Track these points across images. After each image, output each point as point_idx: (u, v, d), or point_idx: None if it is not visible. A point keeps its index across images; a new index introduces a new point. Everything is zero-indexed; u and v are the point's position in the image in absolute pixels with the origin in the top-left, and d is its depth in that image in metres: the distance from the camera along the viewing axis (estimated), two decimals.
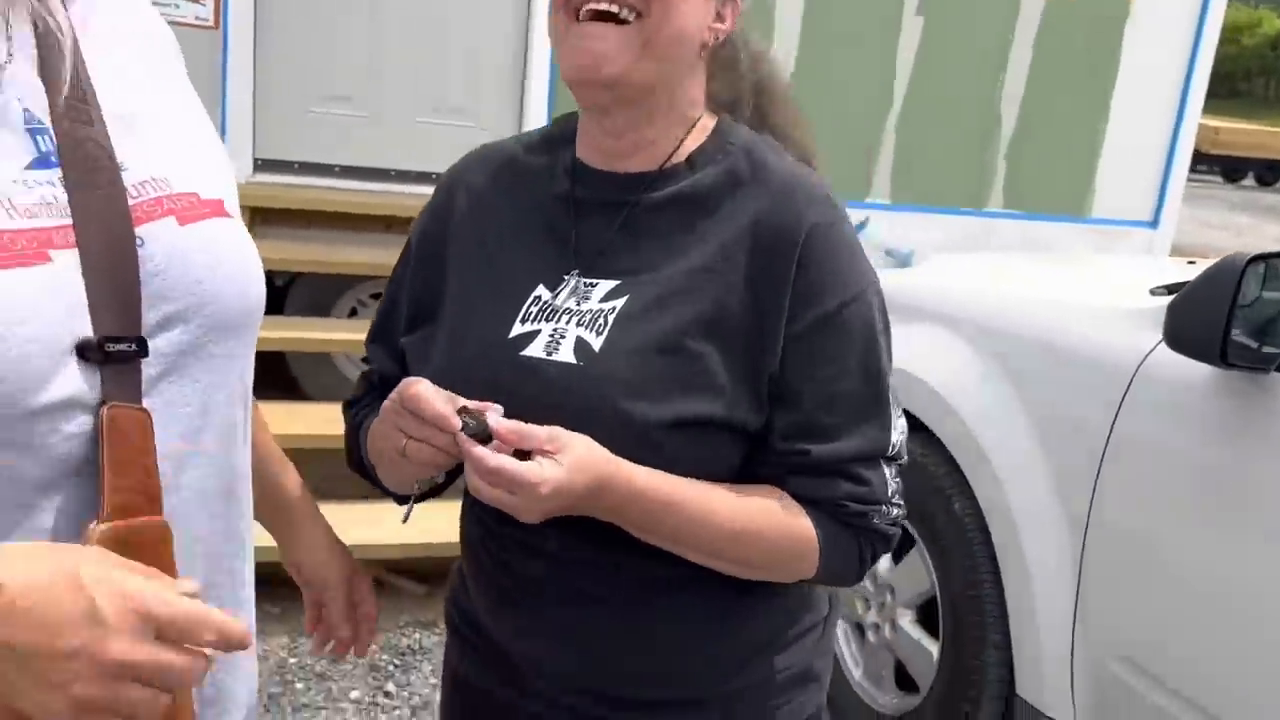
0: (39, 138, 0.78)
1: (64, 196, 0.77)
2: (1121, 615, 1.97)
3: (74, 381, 0.74)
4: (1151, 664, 1.90)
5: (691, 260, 1.08)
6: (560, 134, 1.18)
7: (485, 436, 0.93)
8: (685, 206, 1.10)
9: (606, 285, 1.09)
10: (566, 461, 0.94)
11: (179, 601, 0.66)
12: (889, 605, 2.53)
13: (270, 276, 1.44)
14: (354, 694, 2.73)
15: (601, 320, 1.08)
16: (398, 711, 2.69)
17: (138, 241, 0.78)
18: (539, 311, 1.10)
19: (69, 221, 0.76)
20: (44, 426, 0.73)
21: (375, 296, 4.04)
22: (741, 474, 1.09)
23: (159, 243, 0.79)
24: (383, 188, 4.18)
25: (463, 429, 0.93)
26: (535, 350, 1.08)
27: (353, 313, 4.10)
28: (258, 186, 3.83)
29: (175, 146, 0.87)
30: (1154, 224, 5.09)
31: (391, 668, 2.86)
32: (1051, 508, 2.11)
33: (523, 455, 0.93)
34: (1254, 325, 1.74)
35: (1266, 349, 1.73)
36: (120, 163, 0.80)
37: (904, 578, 2.48)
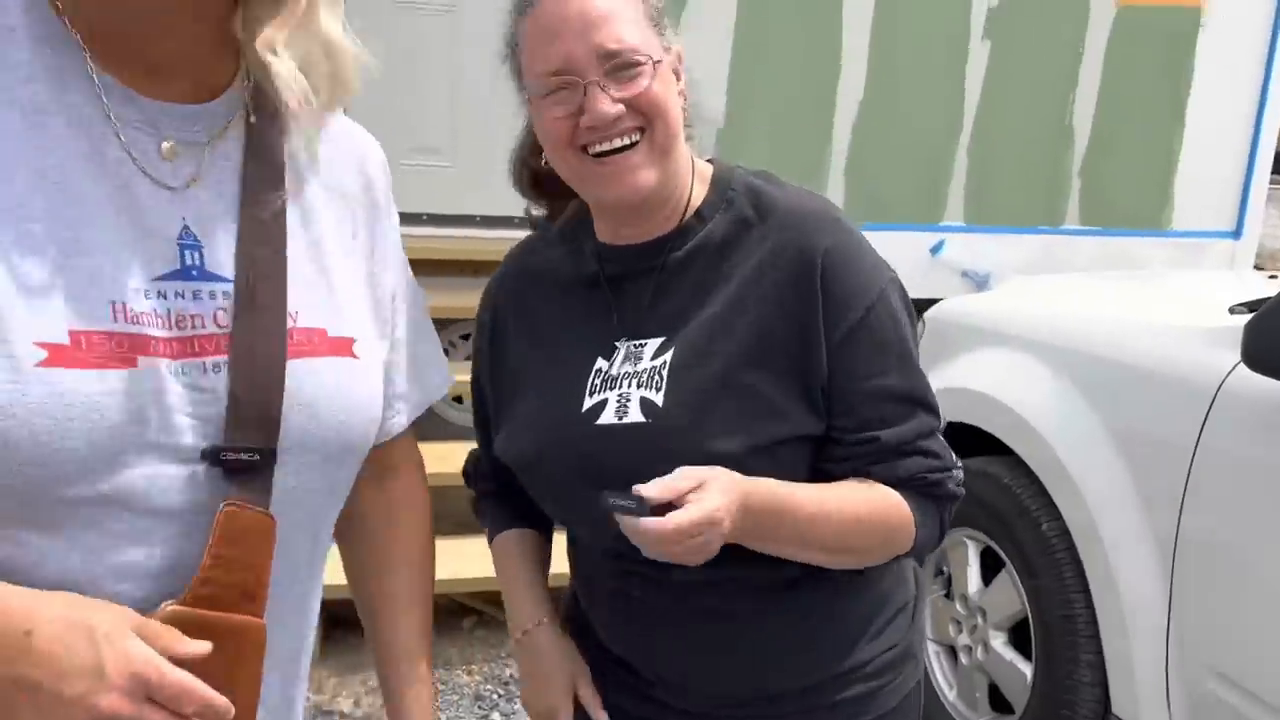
0: (188, 251, 0.82)
1: (196, 309, 0.81)
2: (1216, 631, 1.96)
3: (177, 481, 0.79)
4: (1247, 680, 1.89)
5: (723, 303, 1.16)
6: (575, 227, 1.27)
7: (641, 510, 0.98)
8: (706, 256, 1.19)
9: (654, 343, 1.18)
10: (716, 489, 1.01)
11: (173, 672, 0.71)
12: (981, 627, 2.53)
13: None
14: None
15: (657, 376, 1.15)
16: None
17: (213, 368, 0.81)
18: (602, 382, 1.19)
19: (195, 334, 0.81)
20: (85, 515, 0.76)
21: (465, 337, 4.18)
22: (816, 473, 1.17)
23: (293, 370, 0.84)
24: (466, 233, 4.30)
25: (617, 509, 0.98)
26: (608, 418, 1.16)
27: (444, 353, 4.19)
28: None
29: (336, 291, 0.91)
30: (1236, 234, 4.97)
31: (495, 697, 2.91)
32: (1139, 526, 2.10)
33: (659, 511, 0.98)
34: None
35: None
36: (279, 291, 0.85)
37: (995, 600, 2.49)
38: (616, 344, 1.21)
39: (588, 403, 1.19)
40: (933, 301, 2.98)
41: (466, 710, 2.86)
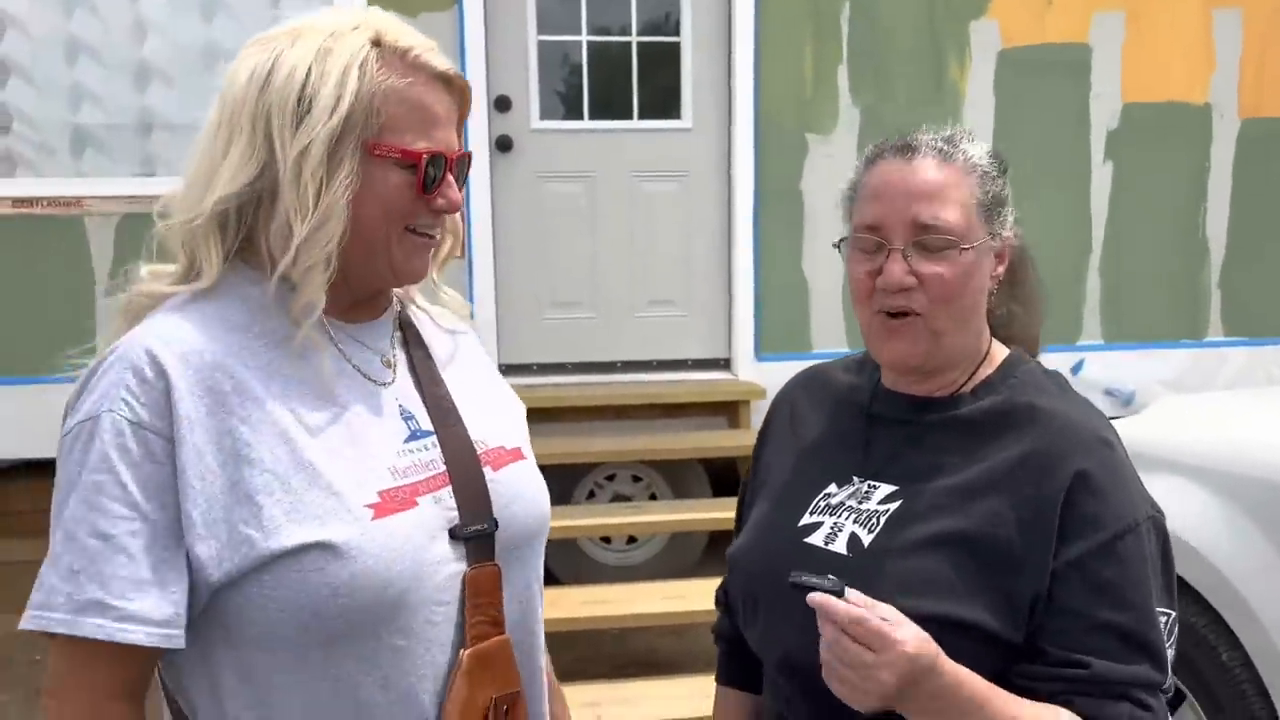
0: (408, 421, 1.09)
1: (427, 457, 1.08)
2: None
3: (449, 562, 1.04)
4: None
5: (963, 480, 1.16)
6: (872, 359, 1.29)
7: (834, 589, 0.99)
8: (965, 430, 1.20)
9: (885, 489, 1.21)
10: (909, 631, 0.98)
11: None
12: None
13: None
14: None
15: (875, 520, 1.19)
16: None
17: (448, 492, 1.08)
18: (825, 505, 1.24)
19: (432, 473, 1.07)
20: (428, 600, 1.02)
21: (610, 478, 4.27)
22: (1003, 684, 1.09)
23: (491, 479, 1.11)
24: (609, 379, 4.44)
25: (806, 586, 0.99)
26: (816, 539, 1.22)
27: (590, 495, 4.28)
28: None
29: (490, 415, 1.18)
30: None
31: None
32: None
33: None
34: None
35: None
36: (465, 428, 1.12)
37: None
38: (855, 477, 1.24)
39: (805, 519, 1.24)
40: None
41: None
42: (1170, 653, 1.11)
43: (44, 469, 4.54)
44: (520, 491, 1.13)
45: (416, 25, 3.90)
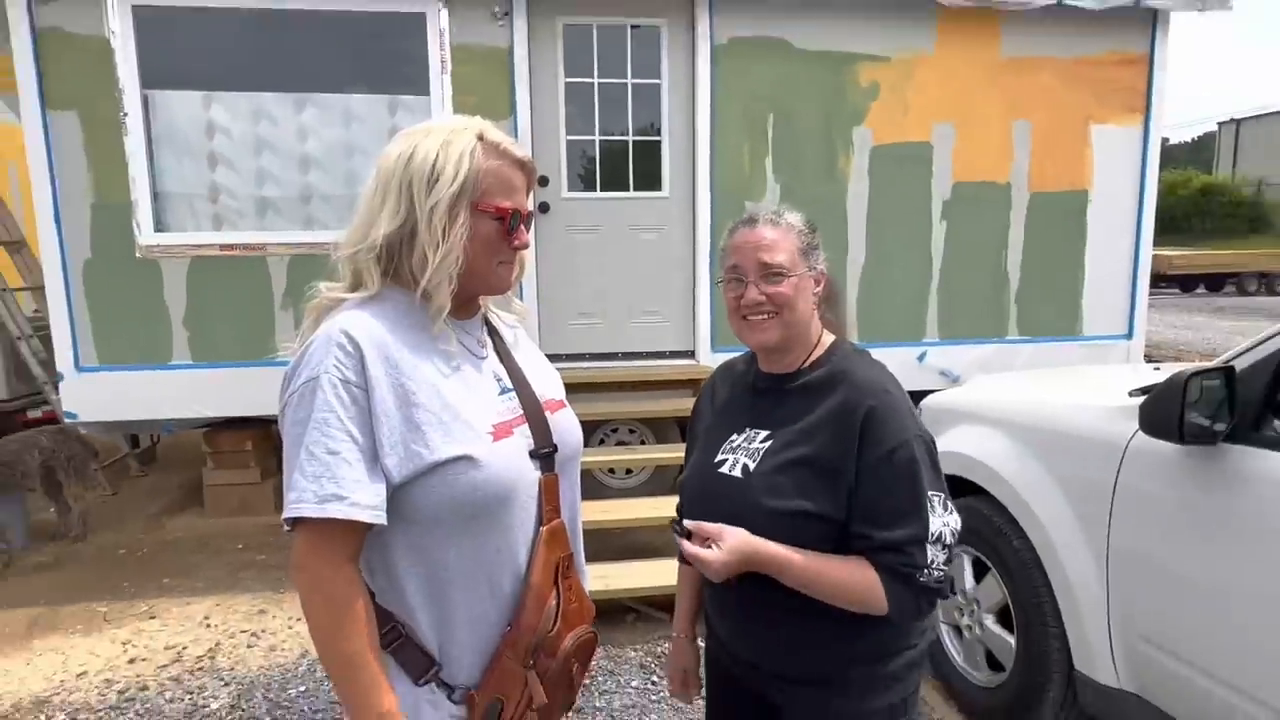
0: (499, 381, 1.13)
1: (512, 405, 1.11)
2: (1139, 609, 1.94)
3: (532, 471, 1.09)
4: (1161, 638, 1.88)
5: (806, 423, 1.20)
6: (753, 355, 1.36)
7: (686, 534, 1.15)
8: (806, 392, 1.24)
9: (763, 434, 1.25)
10: (725, 547, 1.11)
11: None
12: (977, 612, 2.52)
13: None
14: (634, 683, 2.81)
15: (756, 454, 1.23)
16: (661, 692, 2.74)
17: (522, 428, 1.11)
18: (729, 447, 1.28)
19: (516, 415, 1.10)
20: (523, 493, 1.07)
21: (614, 431, 4.28)
22: (841, 550, 1.16)
23: (550, 419, 1.15)
24: (614, 364, 4.49)
25: (676, 532, 1.17)
26: (724, 469, 1.25)
27: (601, 441, 4.29)
28: None
29: (544, 378, 1.21)
30: (1129, 336, 4.86)
31: (653, 665, 2.92)
32: (1080, 541, 2.10)
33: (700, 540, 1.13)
34: (1199, 415, 1.75)
35: (1213, 427, 1.74)
36: (532, 387, 1.16)
37: (985, 593, 2.48)
38: (747, 429, 1.27)
39: (718, 457, 1.28)
40: (925, 393, 3.02)
41: (634, 674, 2.88)
42: (951, 519, 1.14)
43: (240, 424, 4.58)
44: (566, 427, 1.17)
45: None
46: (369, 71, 4.16)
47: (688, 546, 1.13)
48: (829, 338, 1.30)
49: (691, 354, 4.61)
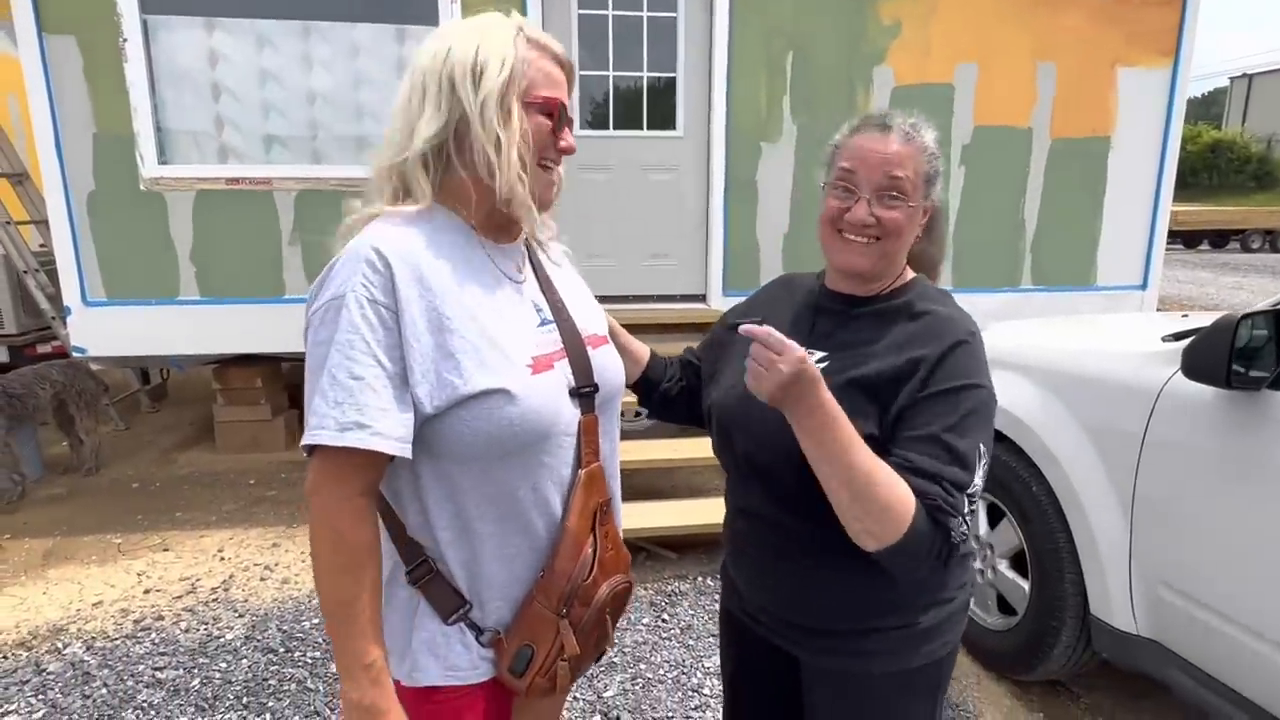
0: (539, 312, 1.04)
1: (552, 337, 1.03)
2: (1161, 555, 1.91)
3: (570, 409, 1.01)
4: (1184, 585, 1.85)
5: (867, 348, 1.10)
6: (821, 274, 1.25)
7: (758, 322, 0.99)
8: (878, 318, 1.13)
9: (819, 354, 1.13)
10: (804, 356, 0.95)
11: None
12: (990, 556, 2.49)
13: None
14: (644, 620, 2.81)
15: None
16: (672, 630, 2.74)
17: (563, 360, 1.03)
18: None
19: (556, 349, 1.02)
20: (561, 433, 0.99)
21: None
22: None
23: (591, 355, 1.07)
24: (626, 307, 4.38)
25: (744, 328, 0.98)
26: None
27: None
28: None
29: (587, 311, 1.13)
30: (1143, 287, 4.76)
31: (663, 603, 2.92)
32: (1105, 487, 2.05)
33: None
34: (1246, 359, 1.69)
35: (1254, 374, 1.68)
36: (574, 320, 1.07)
37: (1000, 537, 2.44)
38: (801, 347, 1.16)
39: None
40: None
41: (646, 611, 2.88)
42: (980, 476, 1.02)
43: (248, 360, 4.51)
44: (608, 364, 1.10)
45: None
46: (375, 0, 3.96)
47: (764, 330, 0.95)
48: (910, 273, 1.18)
49: (703, 298, 4.51)
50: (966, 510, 1.00)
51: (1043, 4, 4.38)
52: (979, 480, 1.01)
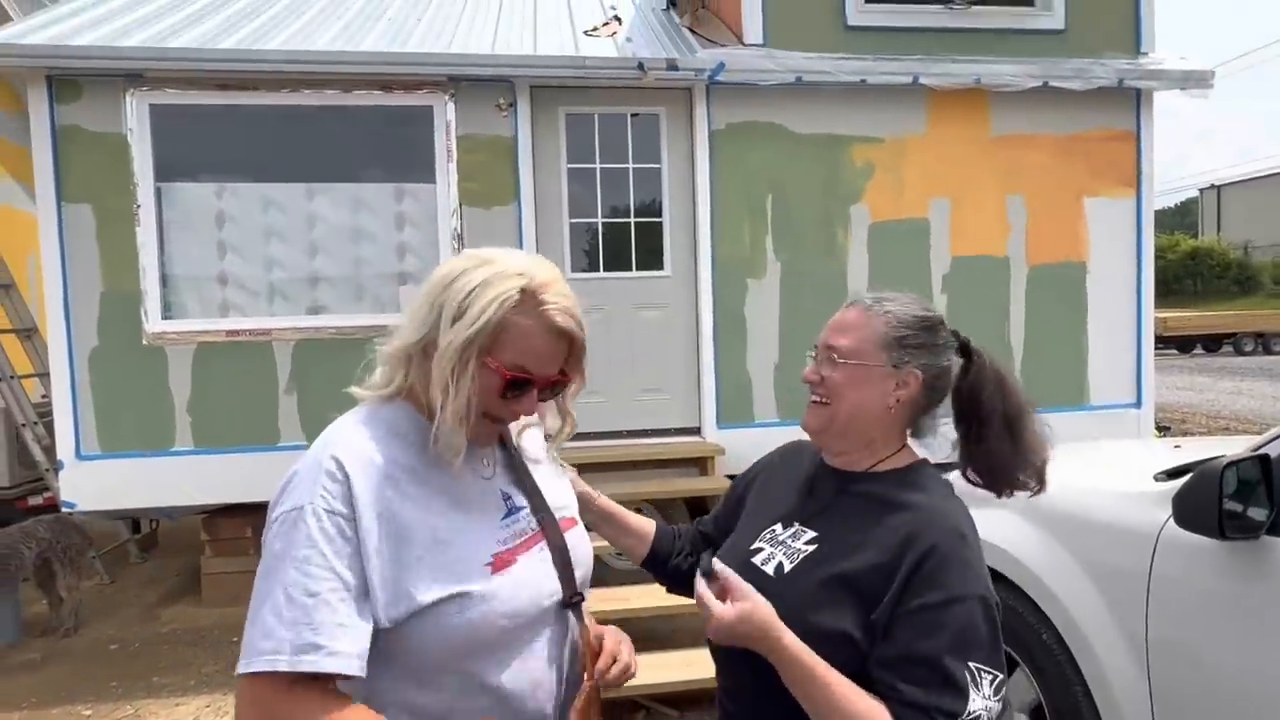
0: (506, 502, 1.04)
1: (521, 527, 1.02)
2: (1183, 701, 1.79)
3: (543, 601, 1.00)
4: None
5: (859, 538, 1.07)
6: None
7: (709, 573, 1.03)
8: (872, 504, 1.10)
9: (810, 534, 1.12)
10: (737, 610, 0.97)
11: None
12: (1008, 711, 2.34)
13: None
14: None
15: (797, 556, 1.10)
16: None
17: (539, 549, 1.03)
18: (769, 538, 1.16)
19: (526, 537, 1.01)
20: (530, 630, 0.98)
21: (650, 502, 4.18)
22: (860, 678, 0.99)
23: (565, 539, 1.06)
24: (618, 443, 4.37)
25: (700, 567, 1.03)
26: (757, 560, 1.14)
27: None
28: None
29: (559, 494, 1.12)
30: (1138, 405, 4.77)
31: None
32: (1114, 631, 1.95)
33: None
34: (1240, 501, 1.65)
35: (1249, 518, 1.64)
36: (551, 509, 1.07)
37: (1015, 690, 2.28)
38: (794, 522, 1.16)
39: (755, 545, 1.16)
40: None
41: None
42: (994, 704, 0.96)
43: (239, 509, 4.45)
44: (581, 549, 1.09)
45: (489, 216, 3.98)
46: (377, 162, 4.21)
47: (701, 586, 1.00)
48: (912, 454, 1.15)
49: (697, 430, 4.50)
50: None
51: (1008, 143, 4.64)
52: (980, 703, 0.95)
